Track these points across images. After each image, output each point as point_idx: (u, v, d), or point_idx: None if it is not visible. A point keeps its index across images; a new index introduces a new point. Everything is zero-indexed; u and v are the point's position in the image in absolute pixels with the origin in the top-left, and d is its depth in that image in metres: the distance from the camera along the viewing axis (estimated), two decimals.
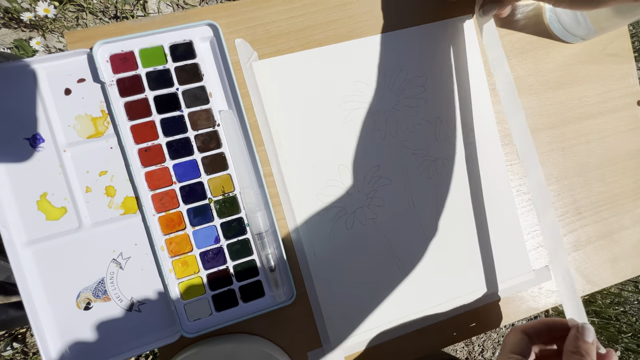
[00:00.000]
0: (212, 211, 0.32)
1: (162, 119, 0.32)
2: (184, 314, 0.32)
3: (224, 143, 0.33)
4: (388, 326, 0.36)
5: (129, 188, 0.32)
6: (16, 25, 0.92)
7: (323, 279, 0.35)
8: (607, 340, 1.09)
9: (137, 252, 0.32)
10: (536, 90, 0.39)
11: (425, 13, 0.37)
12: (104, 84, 0.31)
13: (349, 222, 0.35)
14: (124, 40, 0.31)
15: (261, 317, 0.34)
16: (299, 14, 0.35)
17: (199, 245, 0.32)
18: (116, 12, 0.97)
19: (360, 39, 0.35)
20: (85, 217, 0.31)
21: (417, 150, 0.37)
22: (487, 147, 0.38)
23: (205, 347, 0.31)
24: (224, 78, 0.33)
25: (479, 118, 0.38)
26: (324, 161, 0.35)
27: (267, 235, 0.33)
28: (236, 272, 0.33)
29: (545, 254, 0.39)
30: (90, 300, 0.31)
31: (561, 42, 0.40)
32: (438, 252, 0.37)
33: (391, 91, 0.36)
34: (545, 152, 0.39)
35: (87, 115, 0.31)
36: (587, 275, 0.40)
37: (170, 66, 0.32)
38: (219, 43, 0.32)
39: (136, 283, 0.32)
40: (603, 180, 0.41)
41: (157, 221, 0.32)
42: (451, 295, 0.37)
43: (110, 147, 0.31)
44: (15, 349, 0.86)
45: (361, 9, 0.36)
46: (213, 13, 0.33)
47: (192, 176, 0.32)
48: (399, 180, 0.36)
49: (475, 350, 1.15)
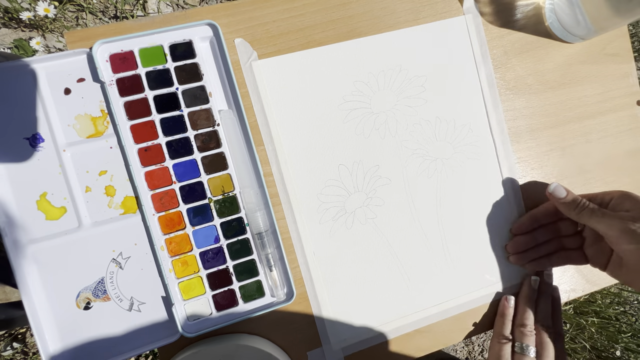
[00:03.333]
0: (212, 211, 0.32)
1: (161, 119, 0.32)
2: (183, 314, 0.32)
3: (224, 143, 0.33)
4: (388, 326, 0.36)
5: (129, 188, 0.32)
6: (16, 25, 0.91)
7: (323, 279, 0.35)
8: (607, 340, 1.09)
9: (136, 252, 0.32)
10: (536, 90, 0.39)
11: (425, 13, 0.37)
12: (104, 83, 0.31)
13: (349, 222, 0.35)
14: (123, 39, 0.31)
15: (261, 317, 0.34)
16: (299, 14, 0.35)
17: (199, 245, 0.32)
18: (116, 12, 0.97)
19: (359, 38, 0.35)
20: (85, 217, 0.31)
21: (417, 150, 0.37)
22: (487, 147, 0.38)
23: (205, 347, 0.31)
24: (223, 78, 0.33)
25: (478, 118, 0.38)
26: (324, 161, 0.35)
27: (267, 235, 0.33)
28: (236, 271, 0.33)
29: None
30: (90, 300, 0.31)
31: (561, 41, 0.40)
32: (438, 252, 0.37)
33: (391, 91, 0.36)
34: (545, 152, 0.39)
35: (86, 114, 0.31)
36: (586, 275, 0.40)
37: (170, 66, 0.32)
38: (219, 43, 0.32)
39: (136, 283, 0.32)
40: (603, 180, 0.41)
41: (156, 221, 0.32)
42: (451, 295, 0.37)
43: (110, 147, 0.31)
44: (15, 349, 0.86)
45: (361, 8, 0.36)
46: (213, 13, 0.33)
47: (192, 176, 0.32)
48: (399, 180, 0.36)
49: (475, 350, 1.15)
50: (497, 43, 0.38)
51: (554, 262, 0.36)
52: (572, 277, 0.40)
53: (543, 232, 0.37)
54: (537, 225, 0.37)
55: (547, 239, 0.37)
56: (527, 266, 0.37)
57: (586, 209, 0.32)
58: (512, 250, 0.37)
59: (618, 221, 0.30)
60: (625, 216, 0.30)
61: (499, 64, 0.38)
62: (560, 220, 0.37)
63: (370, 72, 0.36)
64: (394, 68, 0.36)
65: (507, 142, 0.38)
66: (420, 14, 0.37)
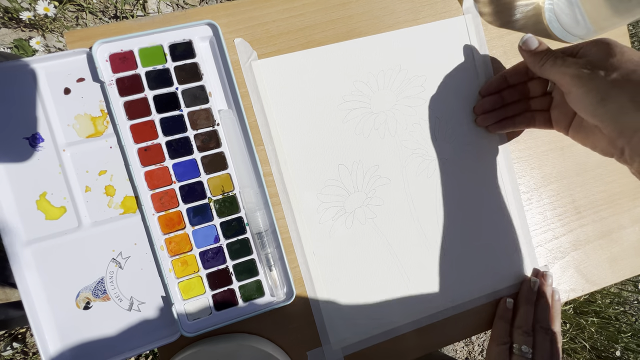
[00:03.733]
0: (211, 210, 0.32)
1: (161, 119, 0.32)
2: (183, 314, 0.32)
3: (224, 142, 0.33)
4: (388, 326, 0.36)
5: (129, 187, 0.32)
6: (16, 25, 0.92)
7: (323, 278, 0.35)
8: (607, 340, 1.09)
9: (136, 252, 0.32)
10: None
11: (424, 13, 0.37)
12: (104, 83, 0.31)
13: (349, 222, 0.35)
14: (123, 39, 0.31)
15: (261, 317, 0.34)
16: (299, 14, 0.35)
17: (199, 244, 0.32)
18: (116, 11, 0.97)
19: (359, 38, 0.35)
20: (84, 217, 0.31)
21: (417, 149, 0.37)
22: (486, 147, 0.38)
23: (205, 347, 0.31)
24: (223, 77, 0.33)
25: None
26: (324, 161, 0.35)
27: (267, 235, 0.33)
28: (236, 271, 0.33)
29: (545, 254, 0.39)
30: (89, 299, 0.31)
31: (561, 42, 0.40)
32: (437, 251, 0.37)
33: (390, 91, 0.36)
34: (544, 152, 0.39)
35: (86, 114, 0.31)
36: (586, 275, 0.40)
37: (170, 65, 0.32)
38: (219, 42, 0.32)
39: (136, 283, 0.32)
40: (602, 179, 0.41)
41: (156, 220, 0.32)
42: (451, 295, 0.37)
43: (110, 147, 0.31)
44: (15, 349, 0.86)
45: (360, 8, 0.36)
46: (213, 13, 0.33)
47: (192, 175, 0.32)
48: (398, 179, 0.36)
49: (475, 350, 1.15)
50: (497, 43, 0.38)
51: (517, 124, 0.35)
52: (572, 277, 0.40)
53: (511, 92, 0.35)
54: (505, 86, 0.36)
55: (515, 99, 0.35)
56: (491, 128, 0.36)
57: (550, 58, 0.30)
58: (479, 111, 0.36)
59: (573, 67, 0.28)
60: (581, 62, 0.28)
61: (499, 64, 0.38)
62: (530, 80, 0.35)
63: (370, 72, 0.36)
64: (393, 68, 0.36)
65: (506, 141, 0.38)
66: (419, 14, 0.37)
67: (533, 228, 0.39)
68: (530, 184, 0.39)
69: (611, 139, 0.27)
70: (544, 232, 0.39)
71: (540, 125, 0.35)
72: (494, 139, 0.38)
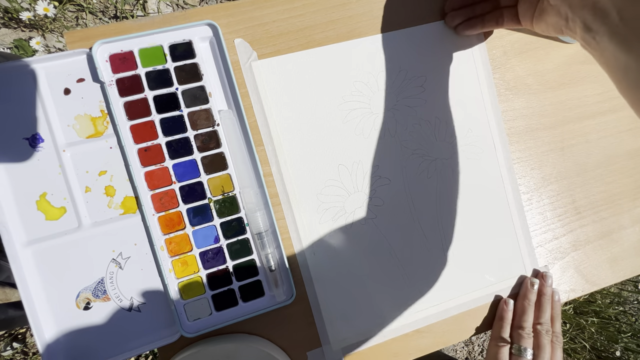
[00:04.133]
0: (211, 211, 0.32)
1: (161, 119, 0.32)
2: (183, 314, 0.32)
3: (224, 143, 0.33)
4: (388, 326, 0.36)
5: (129, 188, 0.32)
6: (16, 25, 0.91)
7: (323, 278, 0.35)
8: (607, 340, 1.09)
9: (136, 252, 0.32)
10: (535, 90, 0.39)
11: (424, 13, 0.37)
12: (104, 83, 0.31)
13: (349, 222, 0.35)
14: (123, 40, 0.31)
15: (261, 317, 0.34)
16: (299, 14, 0.35)
17: (199, 245, 0.32)
18: (116, 12, 0.97)
19: (359, 39, 0.35)
20: (84, 217, 0.31)
21: (417, 150, 0.37)
22: (486, 147, 0.38)
23: (205, 347, 0.31)
24: (223, 78, 0.33)
25: (478, 118, 0.38)
26: (324, 161, 0.35)
27: (267, 235, 0.33)
28: (236, 271, 0.33)
29: (545, 254, 0.39)
30: (89, 300, 0.31)
31: (561, 42, 0.40)
32: (437, 252, 0.37)
33: (390, 91, 0.36)
34: (544, 152, 0.39)
35: (86, 115, 0.31)
36: (586, 275, 0.40)
37: (170, 66, 0.32)
38: (219, 43, 0.32)
39: (136, 283, 0.32)
40: (602, 180, 0.41)
41: (156, 221, 0.32)
42: (451, 295, 0.37)
43: (110, 147, 0.31)
44: (15, 349, 0.86)
45: (360, 9, 0.36)
46: (213, 13, 0.33)
47: (192, 176, 0.32)
48: (399, 180, 0.36)
49: (475, 350, 1.15)
50: (497, 43, 0.38)
51: (486, 22, 0.35)
52: (572, 278, 0.40)
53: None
54: None
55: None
56: (460, 28, 0.36)
57: None
58: (448, 9, 0.36)
59: None
60: None
61: (499, 65, 0.38)
62: None
63: (370, 72, 0.36)
64: (393, 68, 0.36)
65: (506, 142, 0.38)
66: (419, 15, 0.37)
67: (533, 228, 0.39)
68: (530, 184, 0.39)
69: (556, 7, 0.28)
70: (544, 232, 0.39)
71: (509, 22, 0.34)
72: (494, 139, 0.38)
